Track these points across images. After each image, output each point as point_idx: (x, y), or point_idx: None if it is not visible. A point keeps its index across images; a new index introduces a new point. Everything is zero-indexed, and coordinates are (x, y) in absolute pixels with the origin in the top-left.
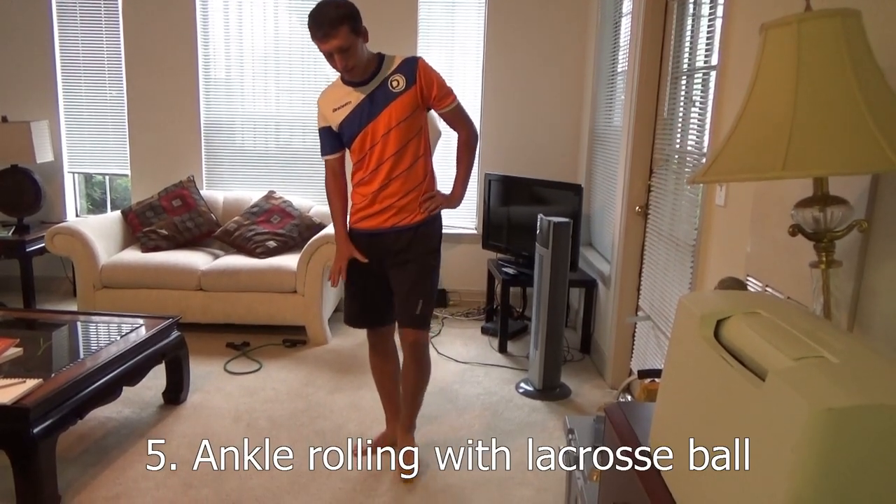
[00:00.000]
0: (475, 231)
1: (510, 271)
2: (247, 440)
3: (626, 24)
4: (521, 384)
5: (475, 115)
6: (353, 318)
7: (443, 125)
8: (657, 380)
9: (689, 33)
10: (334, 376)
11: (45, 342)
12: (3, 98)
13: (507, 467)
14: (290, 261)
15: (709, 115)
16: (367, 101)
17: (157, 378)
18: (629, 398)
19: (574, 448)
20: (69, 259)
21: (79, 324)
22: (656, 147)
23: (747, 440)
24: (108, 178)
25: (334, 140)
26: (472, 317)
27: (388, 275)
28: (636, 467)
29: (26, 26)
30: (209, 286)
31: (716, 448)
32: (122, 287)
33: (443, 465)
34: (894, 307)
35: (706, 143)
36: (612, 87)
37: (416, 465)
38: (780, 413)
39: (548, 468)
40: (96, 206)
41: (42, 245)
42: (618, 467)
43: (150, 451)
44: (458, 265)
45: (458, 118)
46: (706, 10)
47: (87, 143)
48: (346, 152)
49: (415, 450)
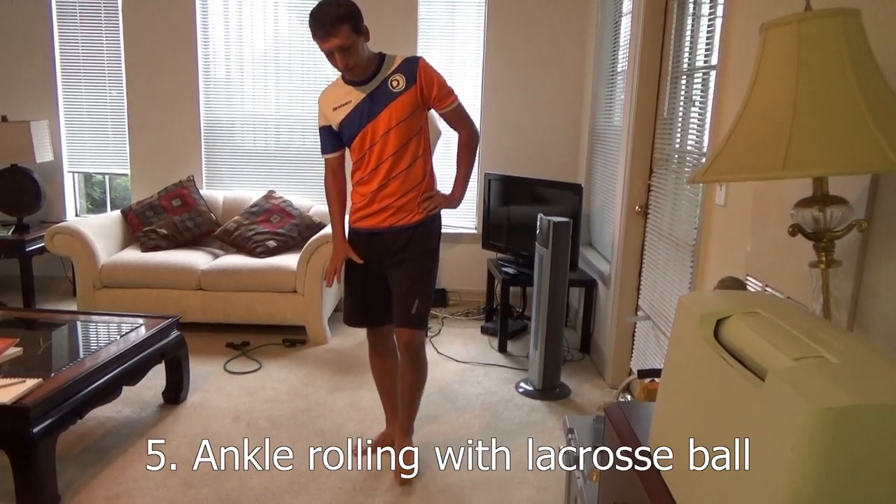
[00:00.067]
0: (475, 231)
1: (510, 271)
2: (247, 440)
3: (625, 23)
4: (521, 384)
5: (475, 115)
6: (353, 318)
7: (443, 125)
8: (657, 379)
9: (689, 33)
10: (334, 376)
11: (45, 342)
12: (2, 97)
13: (507, 467)
14: (289, 260)
15: (709, 115)
16: (367, 100)
17: (156, 378)
18: (629, 398)
19: (574, 448)
20: (69, 259)
21: (78, 323)
22: (656, 147)
23: (747, 440)
24: (107, 177)
25: (334, 139)
26: (471, 316)
27: (386, 274)
28: (636, 467)
29: (26, 26)
30: (209, 286)
31: (715, 448)
32: (121, 287)
33: (443, 465)
34: (894, 307)
35: (706, 143)
36: (612, 87)
37: (415, 465)
38: (779, 413)
39: (547, 468)
40: (96, 205)
41: (42, 245)
42: (618, 467)
43: (150, 451)
44: (457, 265)
45: (459, 118)
46: (706, 9)
47: (86, 143)
48: (347, 151)
49: (414, 450)
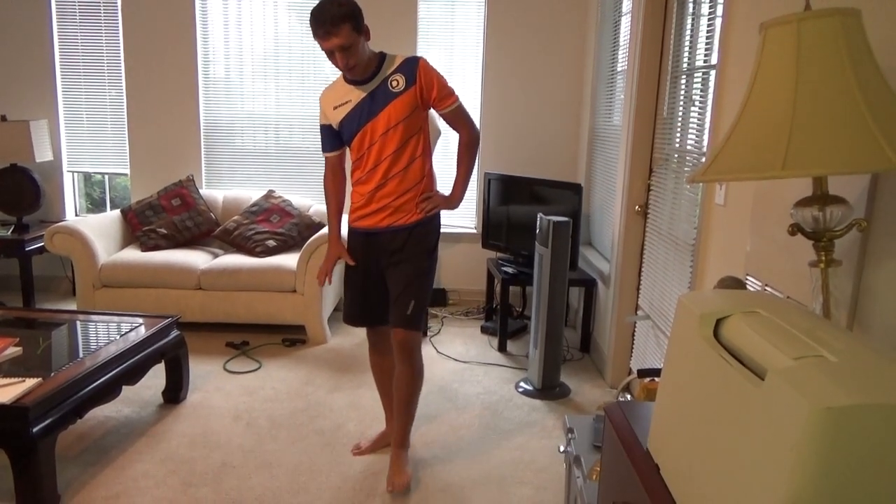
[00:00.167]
0: (475, 230)
1: (510, 270)
2: (246, 439)
3: (625, 23)
4: (521, 383)
5: (475, 114)
6: (353, 317)
7: (443, 124)
8: (657, 379)
9: (688, 32)
10: (334, 375)
11: (45, 341)
12: (2, 97)
13: (507, 467)
14: (289, 260)
15: (708, 115)
16: (367, 99)
17: (156, 377)
18: (629, 397)
19: (573, 447)
20: (68, 258)
21: (78, 323)
22: (656, 146)
23: (747, 439)
24: (107, 177)
25: (334, 138)
26: (471, 316)
27: (384, 274)
28: (635, 466)
29: (26, 25)
30: (208, 285)
31: (715, 447)
32: (121, 286)
33: (442, 465)
34: (893, 306)
35: (706, 143)
36: (611, 87)
37: (410, 478)
38: (779, 412)
39: (547, 467)
40: (96, 205)
41: (41, 244)
42: (617, 467)
43: (150, 451)
44: (457, 264)
45: (459, 119)
46: (706, 9)
47: (86, 142)
48: (347, 151)
49: (409, 470)
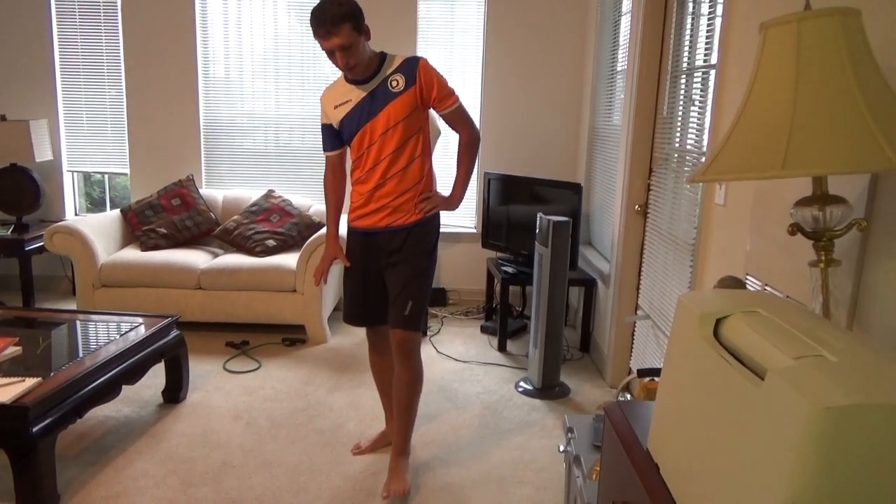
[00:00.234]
0: (475, 230)
1: (509, 270)
2: (246, 439)
3: (625, 22)
4: (521, 383)
5: (475, 114)
6: (352, 317)
7: (443, 124)
8: (656, 379)
9: (688, 32)
10: (334, 375)
11: (45, 341)
12: (2, 96)
13: (507, 466)
14: (289, 259)
15: (708, 114)
16: (367, 99)
17: (156, 377)
18: (628, 397)
19: (573, 447)
20: (68, 258)
21: (78, 323)
22: (656, 146)
23: (746, 439)
24: (107, 176)
25: (335, 137)
26: (471, 315)
27: (383, 274)
28: (635, 466)
29: (26, 24)
30: (208, 285)
31: (715, 447)
32: (121, 286)
33: (442, 464)
34: (893, 305)
35: (706, 142)
36: (611, 86)
37: (408, 487)
38: (779, 412)
39: (547, 467)
40: (95, 204)
41: (41, 244)
42: (617, 466)
43: (150, 450)
44: (457, 264)
45: (460, 119)
46: (706, 8)
47: (86, 142)
48: (348, 150)
49: (408, 481)
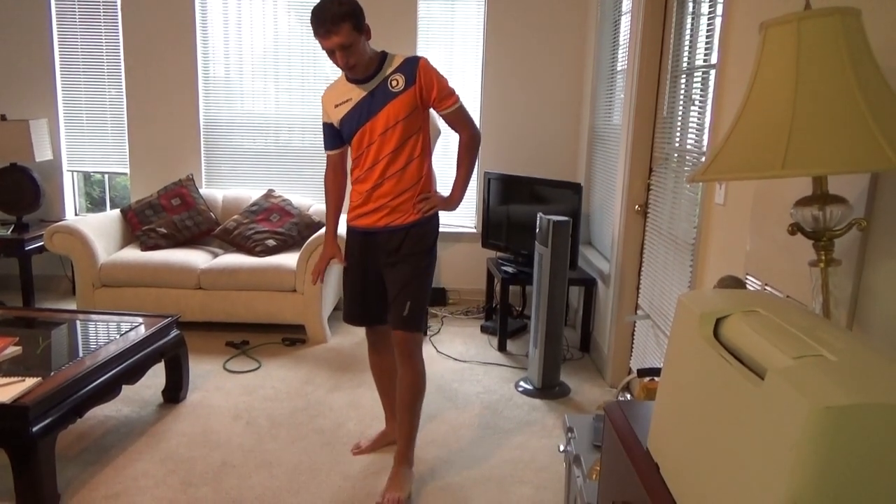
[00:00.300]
0: (475, 230)
1: (510, 270)
2: (246, 438)
3: (625, 22)
4: (521, 382)
5: (475, 114)
6: (352, 317)
7: (443, 124)
8: (656, 378)
9: (688, 32)
10: (333, 375)
11: (45, 341)
12: (1, 96)
13: (507, 466)
14: (289, 259)
15: (708, 114)
16: (367, 98)
17: (156, 377)
18: (628, 397)
19: (573, 447)
20: (68, 258)
21: (78, 322)
22: (656, 146)
23: (746, 439)
24: (107, 176)
25: (336, 136)
26: (471, 315)
27: (382, 274)
28: (635, 466)
29: (25, 24)
30: (208, 285)
31: (715, 446)
32: (121, 286)
33: (442, 464)
34: (893, 305)
35: (706, 142)
36: (611, 86)
37: (410, 496)
38: (779, 411)
39: (547, 467)
40: (95, 204)
41: (41, 244)
42: (617, 466)
43: (150, 450)
44: (457, 264)
45: (460, 120)
46: (706, 8)
47: (86, 142)
48: (349, 149)
49: (405, 492)
